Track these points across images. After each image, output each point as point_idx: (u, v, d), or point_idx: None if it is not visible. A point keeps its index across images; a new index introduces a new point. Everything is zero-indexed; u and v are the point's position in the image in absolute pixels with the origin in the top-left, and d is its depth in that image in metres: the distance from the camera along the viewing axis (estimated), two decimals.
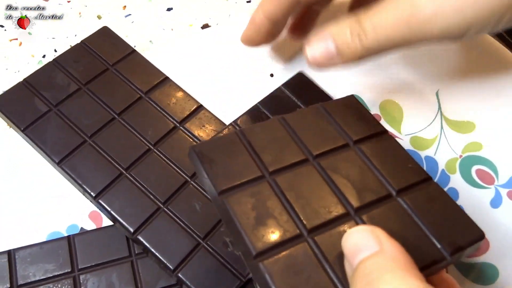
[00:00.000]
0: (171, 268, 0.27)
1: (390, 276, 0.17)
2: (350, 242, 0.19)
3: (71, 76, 0.32)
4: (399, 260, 0.17)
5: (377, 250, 0.18)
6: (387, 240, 0.18)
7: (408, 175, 0.23)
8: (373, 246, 0.18)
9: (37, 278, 0.28)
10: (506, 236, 0.31)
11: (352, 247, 0.18)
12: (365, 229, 0.19)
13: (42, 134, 0.30)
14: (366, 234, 0.18)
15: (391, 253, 0.18)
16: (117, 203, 0.29)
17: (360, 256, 0.18)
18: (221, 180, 0.22)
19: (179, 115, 0.33)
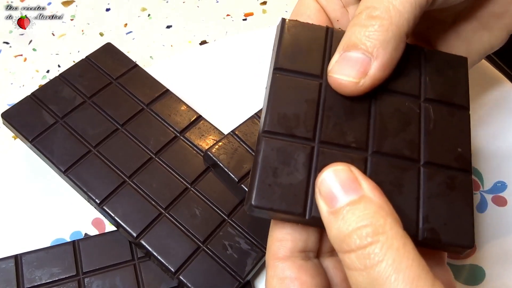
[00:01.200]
0: (173, 270, 0.29)
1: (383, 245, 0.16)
2: (327, 184, 0.18)
3: (76, 90, 0.34)
4: (384, 208, 0.17)
5: (360, 196, 0.17)
6: (367, 184, 0.17)
7: (450, 156, 0.21)
8: (355, 190, 0.17)
9: (43, 282, 0.29)
10: (492, 239, 0.32)
11: (330, 191, 0.18)
12: (343, 169, 0.18)
13: (49, 145, 0.31)
14: (345, 175, 0.18)
15: (374, 198, 0.17)
16: (121, 209, 0.30)
17: (342, 201, 0.17)
18: None
19: (180, 125, 0.34)
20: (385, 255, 0.16)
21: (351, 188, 0.17)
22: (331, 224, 0.17)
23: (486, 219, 0.33)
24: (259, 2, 0.46)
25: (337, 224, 0.17)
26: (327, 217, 0.18)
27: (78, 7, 0.46)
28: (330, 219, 0.18)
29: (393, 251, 0.16)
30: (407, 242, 0.16)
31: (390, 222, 0.17)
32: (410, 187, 0.20)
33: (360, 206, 0.17)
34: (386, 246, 0.16)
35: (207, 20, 0.45)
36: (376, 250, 0.16)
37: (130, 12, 0.46)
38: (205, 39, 0.44)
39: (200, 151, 0.34)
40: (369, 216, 0.17)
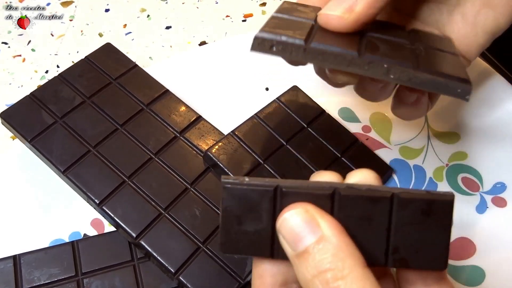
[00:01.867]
0: (172, 271, 0.28)
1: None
2: (286, 228, 0.18)
3: (76, 89, 0.34)
4: (342, 249, 0.17)
5: (318, 238, 0.17)
6: (325, 222, 0.17)
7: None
8: (313, 232, 0.17)
9: (41, 282, 0.28)
10: (492, 240, 0.32)
11: (291, 234, 0.18)
12: (299, 212, 0.18)
13: (48, 145, 0.31)
14: (301, 218, 0.18)
15: (333, 239, 0.17)
16: (120, 209, 0.30)
17: (301, 245, 0.17)
18: None
19: (179, 125, 0.34)
20: None
21: (309, 230, 0.17)
22: (296, 268, 0.18)
23: (485, 220, 0.33)
24: (259, 3, 0.46)
25: (301, 269, 0.17)
26: (292, 259, 0.18)
27: (77, 7, 0.46)
28: (294, 262, 0.18)
29: None
30: (366, 284, 0.16)
31: (350, 265, 0.17)
32: (381, 219, 0.19)
33: (320, 248, 0.17)
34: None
35: (206, 21, 0.45)
36: None
37: (130, 13, 0.46)
38: (204, 40, 0.44)
39: (200, 152, 0.33)
40: (328, 261, 0.17)
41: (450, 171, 0.35)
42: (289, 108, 0.35)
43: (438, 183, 0.35)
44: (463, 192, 0.34)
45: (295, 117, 0.35)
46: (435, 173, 0.35)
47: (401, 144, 0.36)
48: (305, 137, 0.34)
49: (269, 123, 0.34)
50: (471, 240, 0.33)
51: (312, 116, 0.35)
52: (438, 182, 0.35)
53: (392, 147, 0.36)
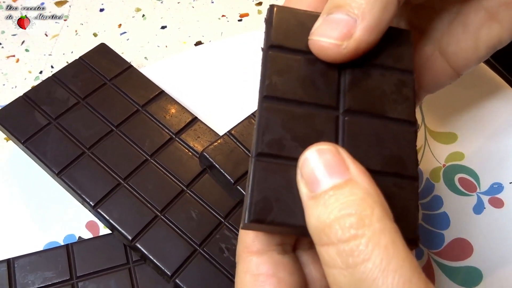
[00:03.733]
0: (169, 274, 0.28)
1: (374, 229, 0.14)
2: (311, 164, 0.16)
3: (70, 90, 0.33)
4: (372, 196, 0.15)
5: (347, 179, 0.15)
6: (355, 167, 0.15)
7: (395, 162, 0.18)
8: (341, 172, 0.15)
9: (36, 286, 0.28)
10: (489, 240, 0.32)
11: (313, 172, 0.15)
12: (328, 149, 0.16)
13: (42, 146, 0.31)
14: (331, 156, 0.15)
15: (363, 183, 0.15)
16: (116, 212, 0.30)
17: (325, 183, 0.15)
18: None
19: (175, 127, 0.34)
20: (371, 253, 0.14)
21: (336, 171, 0.15)
22: (310, 211, 0.15)
23: (483, 220, 0.33)
24: (255, 3, 0.46)
25: (317, 211, 0.15)
26: (307, 202, 0.15)
27: (71, 7, 0.45)
28: (309, 205, 0.15)
29: (381, 249, 0.14)
30: (396, 238, 0.14)
31: (378, 213, 0.14)
32: None
33: (345, 191, 0.15)
34: (373, 242, 0.14)
35: (202, 20, 0.45)
36: (361, 247, 0.14)
37: (124, 13, 0.45)
38: (200, 40, 0.44)
39: (196, 153, 0.33)
40: (354, 204, 0.14)
41: (447, 171, 0.35)
42: None
43: (435, 183, 0.35)
44: (460, 193, 0.34)
45: None
46: (432, 173, 0.35)
47: None
48: None
49: None
50: (468, 240, 0.32)
51: None
52: (435, 183, 0.35)
53: None
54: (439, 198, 0.34)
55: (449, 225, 0.33)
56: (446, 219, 0.33)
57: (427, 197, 0.34)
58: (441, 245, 0.32)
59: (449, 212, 0.34)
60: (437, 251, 0.32)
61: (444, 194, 0.34)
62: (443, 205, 0.34)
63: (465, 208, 0.34)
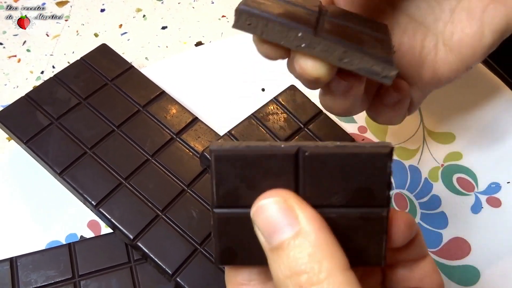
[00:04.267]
0: (170, 272, 0.28)
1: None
2: (262, 218, 0.16)
3: (71, 91, 0.34)
4: (321, 248, 0.15)
5: (296, 232, 0.15)
6: (304, 215, 0.15)
7: (362, 194, 0.17)
8: (290, 224, 0.15)
9: (38, 285, 0.28)
10: (486, 239, 0.33)
11: (266, 225, 0.16)
12: (277, 200, 0.16)
13: (44, 146, 0.31)
14: (279, 207, 0.16)
15: (311, 235, 0.15)
16: (117, 211, 0.30)
17: (276, 238, 0.15)
18: None
19: (176, 127, 0.34)
20: None
21: (285, 223, 0.15)
22: (270, 262, 0.16)
23: (480, 220, 0.34)
24: None
25: (275, 265, 0.15)
26: (266, 253, 0.16)
27: (72, 7, 0.46)
28: (268, 256, 0.16)
29: None
30: None
31: (328, 268, 0.15)
32: None
33: (295, 245, 0.15)
34: None
35: (202, 21, 0.45)
36: None
37: (125, 13, 0.45)
38: (200, 40, 0.44)
39: (196, 153, 0.33)
40: (303, 261, 0.15)
41: (445, 171, 0.36)
42: (286, 107, 0.35)
43: (434, 183, 0.35)
44: (458, 192, 0.35)
45: (292, 117, 0.35)
46: (430, 173, 0.35)
47: (396, 145, 0.37)
48: (302, 137, 0.34)
49: (266, 123, 0.34)
50: (466, 240, 0.33)
51: (309, 116, 0.35)
52: (433, 183, 0.35)
53: None
54: (437, 197, 0.35)
55: (447, 224, 0.33)
56: (444, 218, 0.34)
57: (426, 197, 0.35)
58: (439, 244, 0.33)
59: (447, 212, 0.34)
60: (435, 250, 0.32)
61: (442, 193, 0.35)
62: (441, 204, 0.34)
63: (463, 207, 0.34)
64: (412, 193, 0.35)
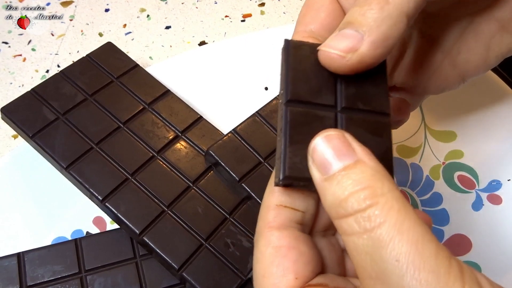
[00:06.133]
0: (176, 267, 0.29)
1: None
2: (321, 150, 0.17)
3: (77, 87, 0.34)
4: (380, 172, 0.16)
5: (355, 161, 0.16)
6: (361, 149, 0.17)
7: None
8: (349, 155, 0.17)
9: (45, 279, 0.29)
10: (487, 236, 0.33)
11: (324, 157, 0.17)
12: (335, 134, 0.17)
13: (51, 141, 0.31)
14: (339, 141, 0.17)
15: (370, 163, 0.16)
16: (123, 206, 0.30)
17: (336, 165, 0.17)
18: None
19: (181, 125, 0.34)
20: (386, 216, 0.15)
21: (344, 154, 0.17)
22: (325, 191, 0.17)
23: (481, 217, 0.34)
24: (257, 4, 0.47)
25: (332, 190, 0.16)
26: (321, 184, 0.17)
27: (77, 7, 0.46)
28: (324, 186, 0.17)
29: (394, 212, 0.15)
30: (406, 204, 0.16)
31: (388, 185, 0.16)
32: None
33: (356, 170, 0.16)
34: (387, 207, 0.15)
35: (205, 21, 0.46)
36: (377, 212, 0.15)
37: (129, 13, 0.46)
38: (203, 40, 0.45)
39: (201, 151, 0.34)
40: (366, 179, 0.16)
41: (446, 169, 0.36)
42: None
43: (435, 181, 0.36)
44: (459, 190, 0.35)
45: None
46: (431, 171, 0.36)
47: (398, 143, 0.37)
48: None
49: (270, 121, 0.34)
50: (467, 236, 0.33)
51: None
52: (435, 180, 0.36)
53: None
54: (438, 195, 0.35)
55: (448, 221, 0.34)
56: (445, 215, 0.34)
57: (427, 194, 0.35)
58: (441, 241, 0.33)
59: (448, 209, 0.34)
60: None
61: (443, 191, 0.35)
62: (443, 202, 0.35)
63: (464, 205, 0.35)
64: (413, 191, 0.35)
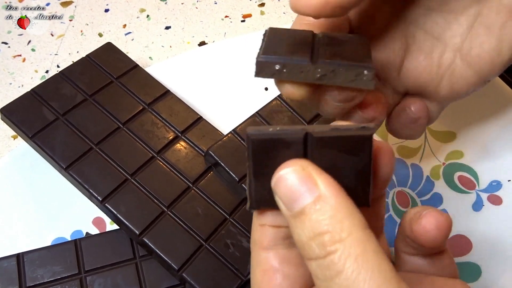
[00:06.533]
0: (176, 268, 0.29)
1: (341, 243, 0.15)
2: (282, 187, 0.17)
3: (77, 87, 0.34)
4: (341, 210, 0.16)
5: (315, 198, 0.16)
6: (323, 181, 0.16)
7: None
8: (310, 191, 0.16)
9: (45, 280, 0.29)
10: (488, 237, 0.33)
11: (287, 193, 0.17)
12: (295, 169, 0.17)
13: (50, 141, 0.31)
14: (298, 176, 0.16)
15: (331, 199, 0.16)
16: (123, 206, 0.30)
17: (297, 205, 0.16)
18: None
19: (181, 125, 0.34)
20: (344, 265, 0.15)
21: (305, 190, 0.16)
22: (291, 228, 0.17)
23: (481, 217, 0.34)
24: (257, 4, 0.47)
25: (297, 230, 0.16)
26: (288, 220, 0.17)
27: (77, 7, 0.46)
28: (290, 222, 0.17)
29: (352, 260, 0.15)
30: (367, 246, 0.15)
31: (348, 226, 0.16)
32: None
33: (316, 209, 0.16)
34: (344, 255, 0.15)
35: (205, 21, 0.46)
36: (335, 260, 0.15)
37: (129, 13, 0.46)
38: (203, 40, 0.45)
39: (201, 151, 0.34)
40: (325, 223, 0.16)
41: (446, 169, 0.36)
42: (290, 105, 0.36)
43: (435, 181, 0.35)
44: (460, 190, 0.35)
45: (296, 115, 0.35)
46: (432, 171, 0.36)
47: (398, 143, 0.37)
48: None
49: (270, 121, 0.34)
50: (468, 237, 0.33)
51: (314, 113, 0.35)
52: (435, 181, 0.36)
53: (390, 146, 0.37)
54: (438, 195, 0.35)
55: None
56: None
57: (427, 195, 0.35)
58: None
59: (448, 209, 0.34)
60: None
61: (443, 191, 0.35)
62: (443, 202, 0.35)
63: (464, 205, 0.34)
64: (414, 191, 0.35)
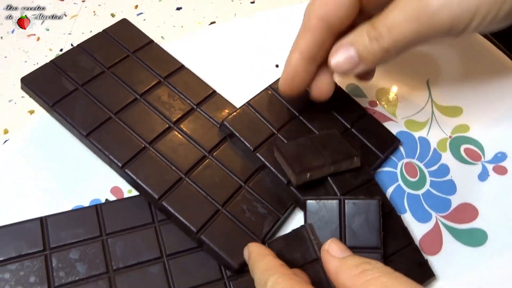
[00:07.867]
0: (194, 230, 0.29)
1: None
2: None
3: (95, 60, 0.35)
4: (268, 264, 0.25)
5: None
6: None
7: None
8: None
9: (68, 242, 0.29)
10: (493, 205, 0.34)
11: None
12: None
13: (70, 110, 0.32)
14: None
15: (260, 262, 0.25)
16: (142, 173, 0.31)
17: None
18: None
19: (196, 98, 0.35)
20: None
21: None
22: None
23: (487, 187, 0.35)
24: None
25: None
26: None
27: None
28: None
29: None
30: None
31: None
32: None
33: None
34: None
35: (216, 2, 0.47)
36: None
37: None
38: (214, 21, 0.45)
39: (216, 122, 0.35)
40: None
41: (453, 142, 0.37)
42: None
43: (442, 153, 0.37)
44: (466, 162, 0.36)
45: (308, 90, 0.36)
46: (439, 144, 0.37)
47: (406, 118, 0.38)
48: (317, 109, 0.36)
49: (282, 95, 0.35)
50: (474, 205, 0.34)
51: None
52: (442, 153, 0.37)
53: (398, 120, 0.38)
54: (446, 166, 0.36)
55: (455, 191, 0.35)
56: (452, 185, 0.35)
57: (435, 166, 0.36)
58: (448, 209, 0.34)
59: (455, 180, 0.35)
60: (444, 214, 0.34)
61: (450, 163, 0.36)
62: (450, 173, 0.36)
63: (470, 175, 0.36)
64: (421, 162, 0.36)
